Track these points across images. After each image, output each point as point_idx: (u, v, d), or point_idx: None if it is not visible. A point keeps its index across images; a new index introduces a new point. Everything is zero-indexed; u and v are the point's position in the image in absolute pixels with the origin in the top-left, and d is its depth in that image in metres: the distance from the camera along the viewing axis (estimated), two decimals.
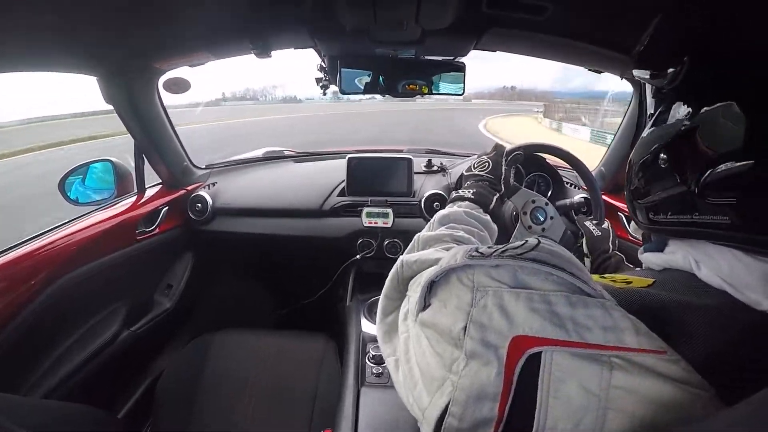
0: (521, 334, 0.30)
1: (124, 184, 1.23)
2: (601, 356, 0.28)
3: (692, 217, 0.34)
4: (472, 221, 0.61)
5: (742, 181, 0.29)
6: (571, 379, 0.28)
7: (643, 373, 0.27)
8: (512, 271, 0.33)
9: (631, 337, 0.28)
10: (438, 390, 0.33)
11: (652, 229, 0.41)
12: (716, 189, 0.31)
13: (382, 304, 0.47)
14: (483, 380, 0.30)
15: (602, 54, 0.90)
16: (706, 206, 0.32)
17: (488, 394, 0.30)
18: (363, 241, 1.27)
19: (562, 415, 0.28)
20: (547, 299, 0.30)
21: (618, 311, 0.30)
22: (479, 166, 0.75)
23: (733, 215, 0.30)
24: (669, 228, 0.38)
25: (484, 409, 0.30)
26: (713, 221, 0.32)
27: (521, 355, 0.29)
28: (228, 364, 1.07)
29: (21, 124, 27.11)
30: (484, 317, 0.32)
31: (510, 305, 0.31)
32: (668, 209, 0.37)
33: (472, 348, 0.31)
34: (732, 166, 0.29)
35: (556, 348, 0.29)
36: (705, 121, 0.32)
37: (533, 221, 0.87)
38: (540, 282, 0.32)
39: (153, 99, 1.16)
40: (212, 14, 0.83)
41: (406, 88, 1.03)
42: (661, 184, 0.37)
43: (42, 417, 0.66)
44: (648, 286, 0.36)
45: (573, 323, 0.29)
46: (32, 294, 0.87)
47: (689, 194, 0.33)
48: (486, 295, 0.32)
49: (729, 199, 0.30)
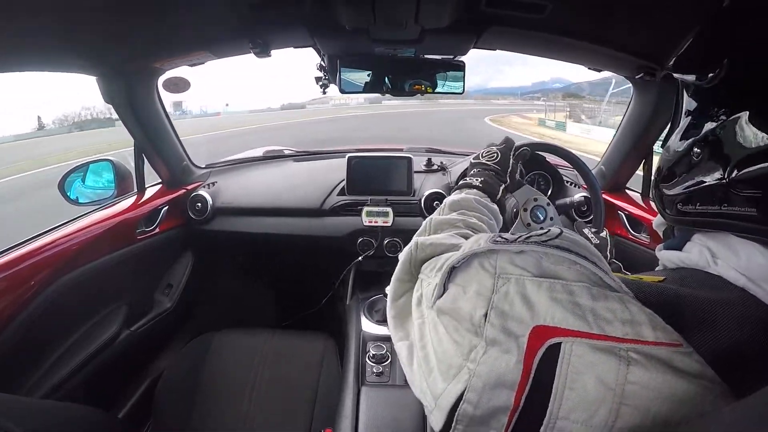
0: (542, 324, 0.30)
1: (124, 184, 1.24)
2: (620, 350, 0.28)
3: (720, 208, 0.34)
4: (483, 209, 0.61)
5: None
6: (588, 372, 0.28)
7: (658, 368, 0.27)
8: (537, 257, 0.33)
9: (648, 330, 0.28)
10: (455, 377, 0.33)
11: (679, 220, 0.41)
12: (747, 183, 0.31)
13: (393, 287, 0.47)
14: (502, 368, 0.30)
15: (602, 52, 0.90)
16: (735, 198, 0.32)
17: (506, 382, 0.30)
18: (363, 240, 1.27)
19: (577, 406, 0.28)
20: (569, 289, 0.30)
21: (635, 305, 0.30)
22: (488, 155, 0.75)
23: (761, 208, 0.30)
24: (697, 219, 0.38)
25: (501, 397, 0.30)
26: (741, 213, 0.32)
27: (541, 345, 0.29)
28: (228, 364, 1.07)
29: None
30: (505, 305, 0.32)
31: (532, 294, 0.31)
32: (697, 200, 0.37)
33: (493, 335, 0.31)
34: (764, 165, 0.29)
35: (576, 339, 0.29)
36: (740, 121, 0.32)
37: (533, 219, 0.87)
38: (564, 271, 0.32)
39: (153, 99, 1.16)
40: (212, 13, 0.83)
41: (408, 88, 1.04)
42: (693, 176, 0.38)
43: (42, 417, 0.66)
44: (659, 281, 0.36)
45: (594, 315, 0.29)
46: (32, 294, 0.86)
47: (720, 186, 0.33)
48: (508, 282, 0.32)
49: (758, 192, 0.30)
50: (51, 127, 54.97)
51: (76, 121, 63.83)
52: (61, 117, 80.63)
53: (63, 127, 48.72)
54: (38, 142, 24.23)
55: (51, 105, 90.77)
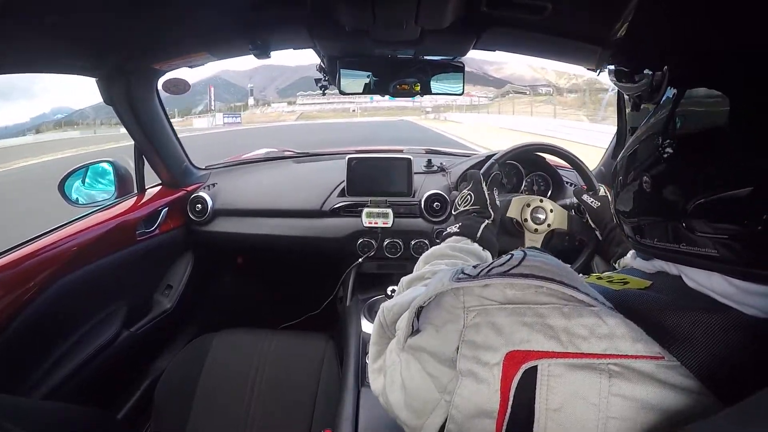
0: (515, 349, 0.30)
1: (124, 185, 1.23)
2: (599, 365, 0.27)
3: (679, 247, 0.32)
4: (457, 254, 0.61)
5: (732, 212, 0.27)
6: (569, 390, 0.28)
7: (642, 380, 0.26)
8: (501, 288, 0.32)
9: (627, 344, 0.28)
10: (432, 412, 0.34)
11: (639, 248, 0.39)
12: (704, 221, 0.29)
13: (371, 351, 0.47)
14: (479, 398, 0.30)
15: (602, 54, 0.90)
16: (694, 239, 0.30)
17: (485, 411, 0.30)
18: (363, 242, 1.27)
19: (562, 427, 0.27)
20: (538, 312, 0.30)
21: (614, 318, 0.29)
22: (462, 202, 0.75)
23: (722, 249, 0.29)
24: (657, 252, 0.36)
25: (482, 426, 0.30)
26: (701, 253, 0.30)
27: (517, 371, 0.29)
28: (228, 365, 1.07)
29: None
30: (476, 336, 0.32)
31: (501, 321, 0.31)
32: (654, 235, 0.35)
33: (467, 367, 0.31)
34: (722, 196, 0.27)
35: (552, 360, 0.28)
36: (692, 145, 0.30)
37: (536, 222, 0.88)
38: (531, 296, 0.31)
39: (152, 100, 1.16)
40: (212, 14, 0.83)
41: (407, 89, 1.04)
42: (647, 208, 0.35)
43: (42, 418, 0.66)
44: (645, 288, 0.35)
45: (567, 334, 0.29)
46: (32, 295, 0.86)
47: (677, 226, 0.31)
48: (476, 314, 0.32)
49: (717, 233, 0.28)
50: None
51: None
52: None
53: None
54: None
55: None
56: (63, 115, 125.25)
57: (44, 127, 64.37)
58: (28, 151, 19.38)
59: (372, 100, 33.00)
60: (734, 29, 0.28)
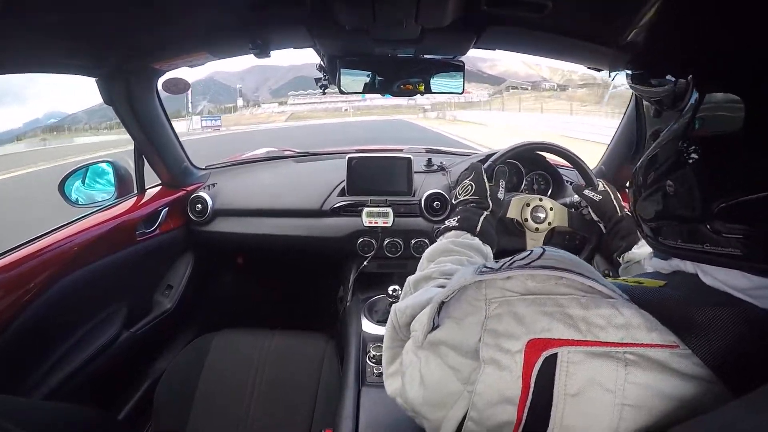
0: (536, 337, 0.30)
1: (124, 185, 1.23)
2: (616, 353, 0.28)
3: (703, 247, 0.32)
4: (460, 249, 0.61)
5: (757, 214, 0.28)
6: (587, 377, 0.28)
7: (657, 368, 0.27)
8: (522, 280, 0.33)
9: (643, 333, 0.28)
10: (454, 404, 0.34)
11: (660, 249, 0.39)
12: (729, 222, 0.30)
13: (385, 356, 0.47)
14: (501, 385, 0.31)
15: (602, 52, 0.90)
16: (718, 239, 0.31)
17: (507, 398, 0.31)
18: (363, 241, 1.27)
19: (579, 412, 0.28)
20: (558, 302, 0.31)
21: (629, 308, 0.30)
22: (463, 191, 0.75)
23: (746, 248, 0.29)
24: (677, 252, 0.36)
25: (504, 413, 0.31)
26: (725, 252, 0.31)
27: (538, 358, 0.30)
28: (228, 365, 1.07)
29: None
30: (498, 325, 0.33)
31: (522, 311, 0.32)
32: (677, 237, 0.35)
33: (489, 355, 0.32)
34: (747, 199, 0.28)
35: (571, 348, 0.29)
36: (717, 150, 0.30)
37: (536, 222, 0.87)
38: (551, 287, 0.32)
39: (152, 100, 1.16)
40: (211, 14, 0.83)
41: (408, 88, 1.03)
42: (670, 211, 0.36)
43: (42, 418, 0.66)
44: (660, 287, 0.36)
45: (585, 323, 0.30)
46: (32, 295, 0.86)
47: (701, 227, 0.32)
48: (498, 305, 0.33)
49: (741, 233, 0.29)
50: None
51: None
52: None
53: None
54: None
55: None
56: (56, 120, 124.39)
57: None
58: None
59: (364, 98, 32.14)
60: (765, 36, 0.28)
